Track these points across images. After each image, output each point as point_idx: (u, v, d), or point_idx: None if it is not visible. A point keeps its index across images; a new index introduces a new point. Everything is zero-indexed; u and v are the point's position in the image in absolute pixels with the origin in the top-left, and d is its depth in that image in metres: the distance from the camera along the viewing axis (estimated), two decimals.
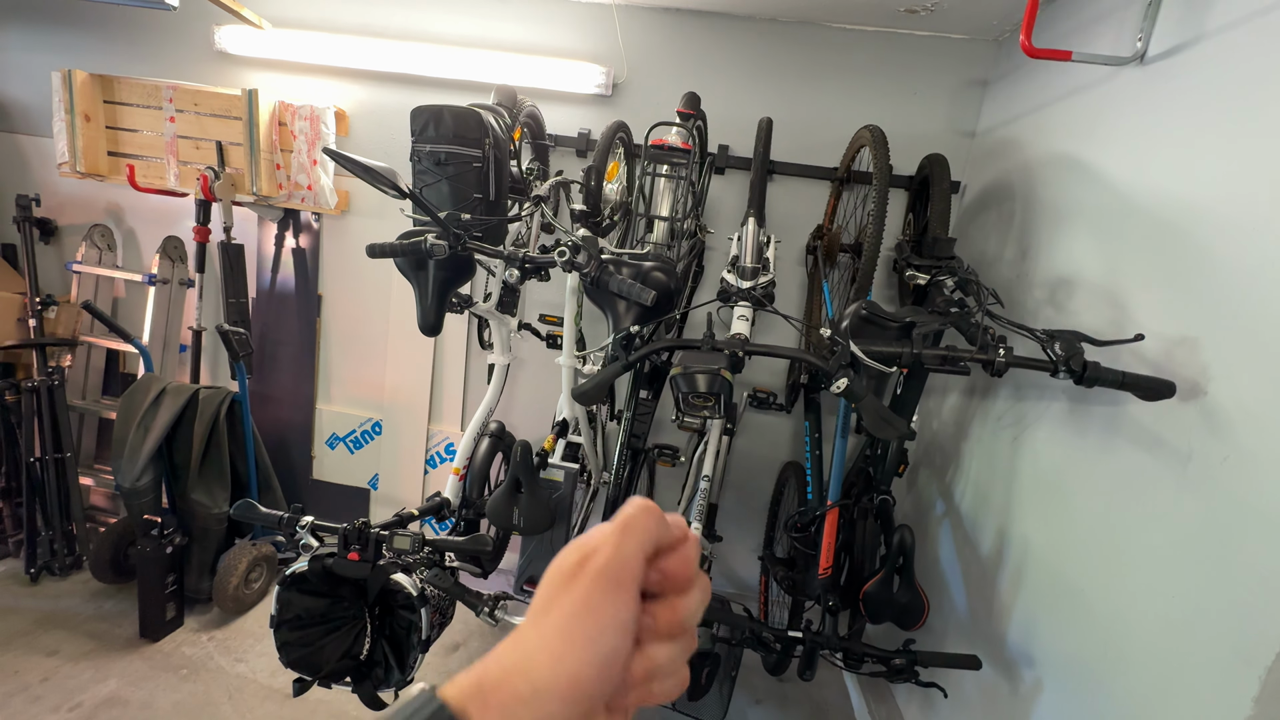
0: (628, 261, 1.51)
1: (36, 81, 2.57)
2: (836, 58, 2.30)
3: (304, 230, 2.66)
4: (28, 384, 2.38)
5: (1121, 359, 1.27)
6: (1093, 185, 1.53)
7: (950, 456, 2.03)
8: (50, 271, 2.72)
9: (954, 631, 1.84)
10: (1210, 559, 1.05)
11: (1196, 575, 1.07)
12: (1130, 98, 1.44)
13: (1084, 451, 1.40)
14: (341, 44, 2.39)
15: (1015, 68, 2.04)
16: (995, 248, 1.97)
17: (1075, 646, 1.33)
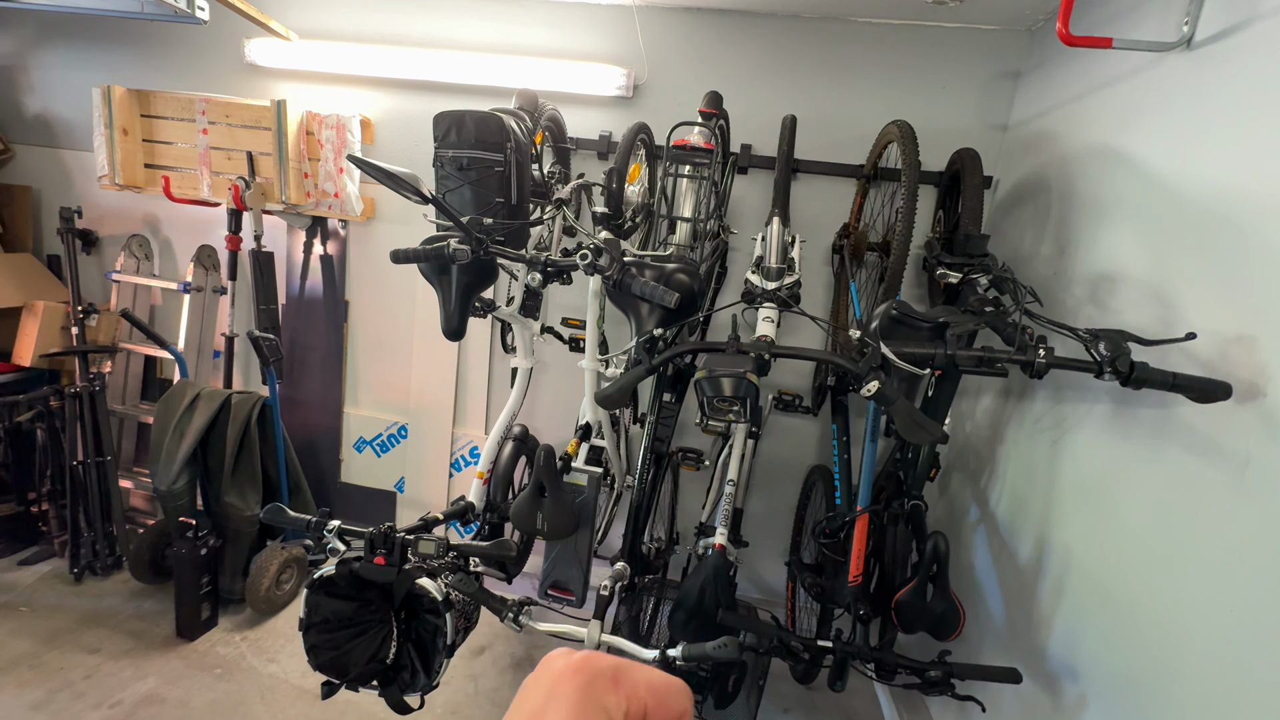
0: (650, 264, 1.49)
1: (78, 98, 2.66)
2: (862, 53, 2.25)
3: (331, 237, 2.71)
4: (71, 390, 2.46)
5: (1170, 359, 1.20)
6: (1136, 177, 1.46)
7: (985, 461, 1.96)
8: (92, 281, 2.82)
9: (991, 642, 1.77)
10: (1271, 569, 0.99)
11: (1256, 586, 1.01)
12: (1176, 85, 1.37)
13: (1130, 456, 1.33)
14: (366, 53, 2.42)
15: (1050, 57, 1.97)
16: (1031, 244, 1.90)
17: (1123, 661, 1.27)
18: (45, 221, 2.87)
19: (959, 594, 1.54)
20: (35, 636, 2.19)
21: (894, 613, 1.55)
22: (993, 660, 1.73)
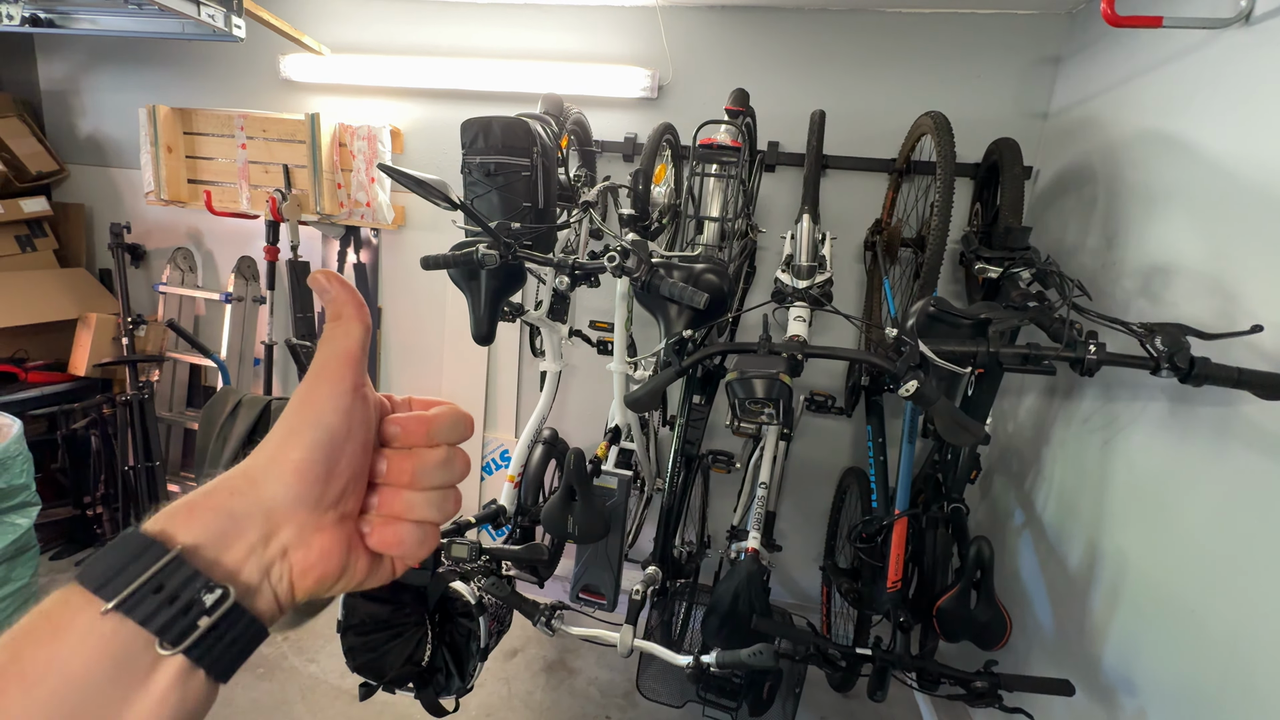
0: (678, 264, 1.48)
1: (126, 118, 2.77)
2: (891, 44, 2.19)
3: (364, 246, 2.76)
4: (122, 398, 2.56)
5: (1233, 354, 1.13)
6: (1190, 162, 1.38)
7: (1029, 462, 1.89)
8: (140, 293, 2.94)
9: (1039, 652, 1.70)
10: None
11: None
12: (1234, 63, 1.30)
13: (1190, 457, 1.26)
14: (395, 65, 2.47)
15: (1093, 40, 1.89)
16: (1075, 236, 1.82)
17: (1187, 672, 1.20)
18: (97, 237, 3.01)
19: (1004, 601, 1.48)
20: None
21: (936, 620, 1.50)
22: (1041, 671, 1.66)
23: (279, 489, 0.31)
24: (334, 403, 0.33)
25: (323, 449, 0.32)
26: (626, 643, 1.45)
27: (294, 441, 0.32)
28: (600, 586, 1.78)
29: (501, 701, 2.15)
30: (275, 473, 0.32)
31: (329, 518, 0.33)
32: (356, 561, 0.35)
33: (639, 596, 1.54)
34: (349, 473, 0.34)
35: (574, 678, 2.27)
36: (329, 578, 0.33)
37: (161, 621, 0.27)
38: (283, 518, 0.31)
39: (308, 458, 0.32)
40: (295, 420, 0.33)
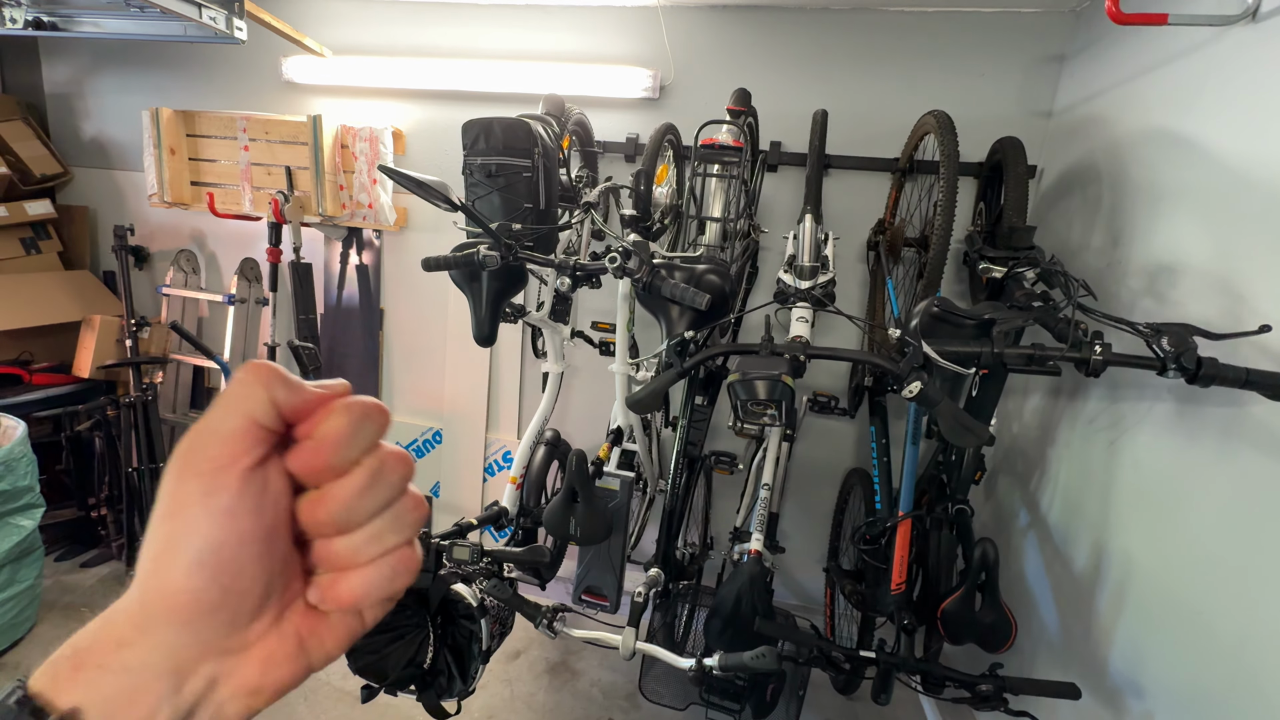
0: (680, 265, 1.47)
1: (129, 120, 2.78)
2: (894, 43, 2.18)
3: (366, 247, 2.77)
4: (126, 400, 2.57)
5: (1240, 354, 1.12)
6: (1197, 161, 1.37)
7: (1034, 463, 1.87)
8: (143, 295, 2.94)
9: (1044, 655, 1.69)
10: None
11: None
12: (1240, 60, 1.28)
13: (1197, 458, 1.25)
14: (397, 66, 2.47)
15: (1097, 38, 1.88)
16: (1080, 235, 1.81)
17: (1195, 675, 1.19)
18: (101, 239, 3.02)
19: (1009, 603, 1.47)
20: None
21: (940, 623, 1.49)
22: (1047, 674, 1.64)
23: (172, 633, 0.25)
24: (207, 505, 0.25)
25: (208, 570, 0.25)
26: (629, 645, 1.45)
27: (170, 568, 0.25)
28: (603, 588, 1.77)
29: (504, 703, 2.15)
30: (162, 615, 0.25)
31: (257, 628, 0.27)
32: (320, 641, 0.29)
33: (641, 598, 1.54)
34: (261, 573, 0.27)
35: (576, 680, 2.27)
36: (285, 682, 0.28)
37: None
38: (192, 658, 0.26)
39: (191, 588, 0.25)
40: (162, 538, 0.25)
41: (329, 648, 0.30)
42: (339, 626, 0.30)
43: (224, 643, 0.26)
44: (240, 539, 0.26)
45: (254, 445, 0.26)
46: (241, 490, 0.26)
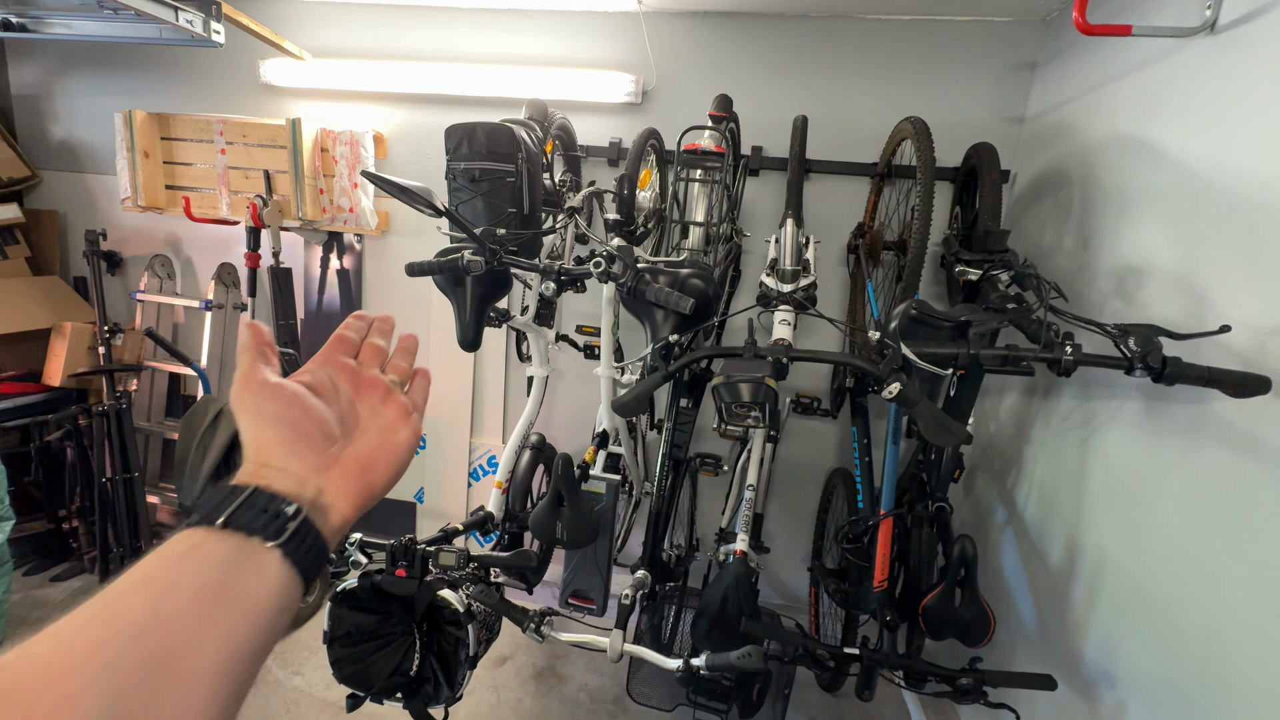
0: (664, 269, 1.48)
1: (101, 123, 2.73)
2: (872, 50, 2.23)
3: (347, 251, 2.74)
4: (98, 408, 2.51)
5: (1203, 353, 1.16)
6: (1162, 166, 1.42)
7: (1011, 461, 1.92)
8: (117, 301, 2.88)
9: (1023, 648, 1.73)
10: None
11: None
12: (1201, 71, 1.34)
13: (1164, 454, 1.29)
14: (378, 70, 2.45)
15: (1067, 47, 1.93)
16: (1052, 238, 1.86)
17: (1165, 666, 1.23)
18: (71, 244, 2.95)
19: (988, 598, 1.50)
20: None
21: (921, 619, 1.51)
22: (1025, 666, 1.68)
23: (283, 457, 0.41)
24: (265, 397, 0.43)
25: (282, 423, 0.42)
26: (616, 647, 1.45)
27: (264, 429, 0.42)
28: (589, 591, 1.78)
29: (491, 710, 2.14)
30: (274, 448, 0.41)
31: (331, 454, 0.43)
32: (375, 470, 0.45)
33: (628, 601, 1.54)
34: (313, 423, 0.43)
35: (564, 684, 2.26)
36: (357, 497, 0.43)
37: (260, 525, 0.36)
38: (303, 472, 0.41)
39: (279, 431, 0.42)
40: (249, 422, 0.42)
41: (381, 473, 0.45)
42: (386, 456, 0.46)
43: (317, 460, 0.42)
44: (287, 405, 0.43)
45: (266, 372, 0.44)
46: (285, 392, 0.43)
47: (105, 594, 0.31)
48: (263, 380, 0.43)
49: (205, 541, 0.35)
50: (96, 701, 0.27)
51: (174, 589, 0.32)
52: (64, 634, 0.29)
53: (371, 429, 0.46)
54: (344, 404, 0.46)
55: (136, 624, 0.30)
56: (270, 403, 0.43)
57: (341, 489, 0.42)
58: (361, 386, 0.48)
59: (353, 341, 0.51)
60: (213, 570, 0.34)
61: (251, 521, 0.36)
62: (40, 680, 0.27)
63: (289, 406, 0.43)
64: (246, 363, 0.44)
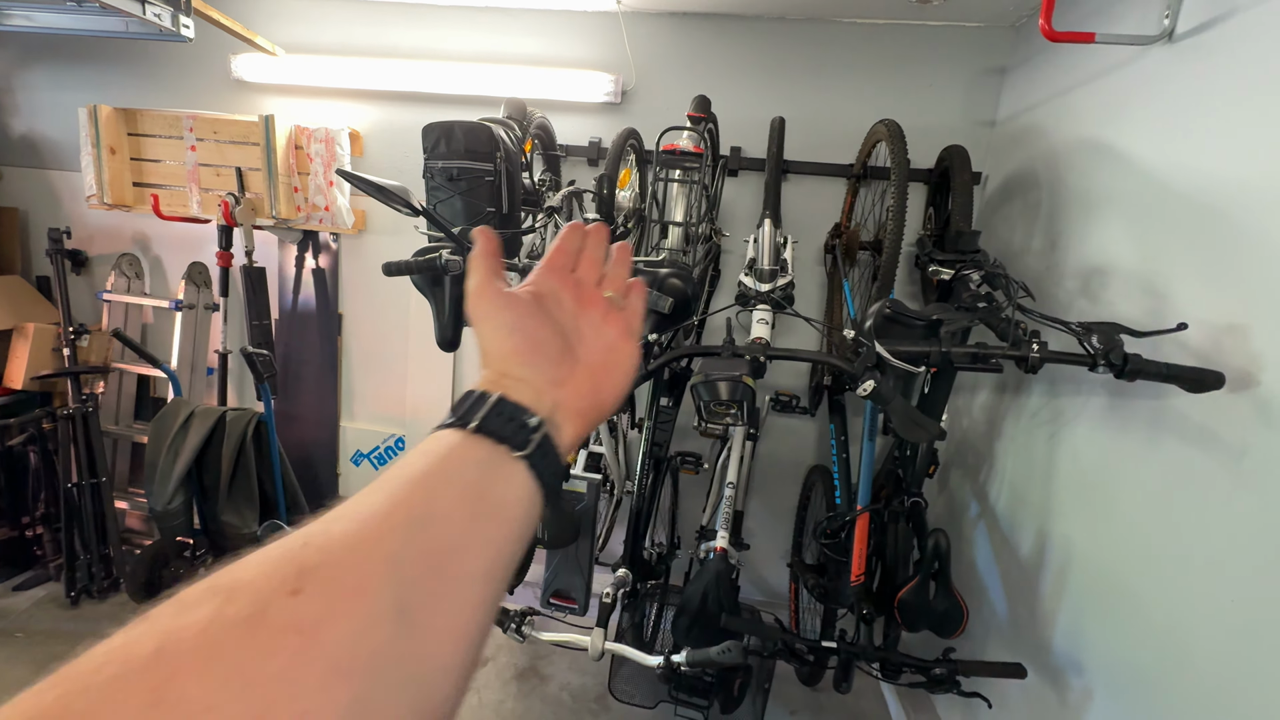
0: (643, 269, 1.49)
1: (64, 118, 2.65)
2: (848, 53, 2.26)
3: (323, 251, 2.70)
4: (63, 412, 2.44)
5: (1164, 350, 1.21)
6: (1124, 170, 1.47)
7: (983, 456, 1.96)
8: (82, 301, 2.80)
9: (995, 638, 1.77)
10: (1272, 560, 0.99)
11: (1258, 578, 1.01)
12: (1160, 78, 1.38)
13: (1128, 448, 1.34)
14: (353, 66, 2.42)
15: (1035, 53, 1.99)
16: (1022, 239, 1.91)
17: (1128, 653, 1.27)
18: (33, 243, 2.85)
19: (962, 590, 1.54)
20: (31, 663, 2.17)
21: (897, 611, 1.55)
22: (998, 656, 1.73)
23: (521, 368, 0.40)
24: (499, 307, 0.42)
25: (518, 333, 0.41)
26: (597, 646, 1.46)
27: (501, 340, 0.41)
28: (571, 591, 1.78)
29: (471, 711, 2.12)
30: (512, 358, 0.40)
31: (565, 369, 0.42)
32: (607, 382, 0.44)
33: (610, 599, 1.55)
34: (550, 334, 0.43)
35: (545, 684, 2.26)
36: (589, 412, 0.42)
37: (509, 433, 0.36)
38: (541, 384, 0.40)
39: (515, 342, 0.41)
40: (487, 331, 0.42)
41: (608, 393, 0.44)
42: (612, 375, 0.45)
43: (553, 373, 0.41)
44: (529, 317, 0.42)
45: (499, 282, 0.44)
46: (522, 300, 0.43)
47: (384, 481, 0.31)
48: (498, 289, 0.43)
49: (461, 444, 0.35)
50: (388, 590, 0.26)
51: (444, 487, 0.32)
52: (358, 515, 0.29)
53: (596, 346, 0.44)
54: (568, 318, 0.45)
55: (417, 516, 0.30)
56: (506, 312, 0.42)
57: (574, 406, 0.41)
58: (584, 301, 0.46)
59: (571, 252, 0.48)
60: (472, 473, 0.33)
61: (501, 429, 0.36)
62: (338, 562, 0.26)
63: (525, 317, 0.42)
64: (481, 272, 0.44)
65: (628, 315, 0.48)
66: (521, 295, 0.44)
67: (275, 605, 0.23)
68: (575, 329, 0.44)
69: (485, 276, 0.44)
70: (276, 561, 0.25)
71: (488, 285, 0.43)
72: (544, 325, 0.43)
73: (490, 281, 0.43)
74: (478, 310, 0.43)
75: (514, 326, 0.42)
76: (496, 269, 0.44)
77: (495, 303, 0.42)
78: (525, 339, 0.41)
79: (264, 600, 0.23)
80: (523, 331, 0.42)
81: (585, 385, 0.43)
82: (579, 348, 0.44)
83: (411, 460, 0.33)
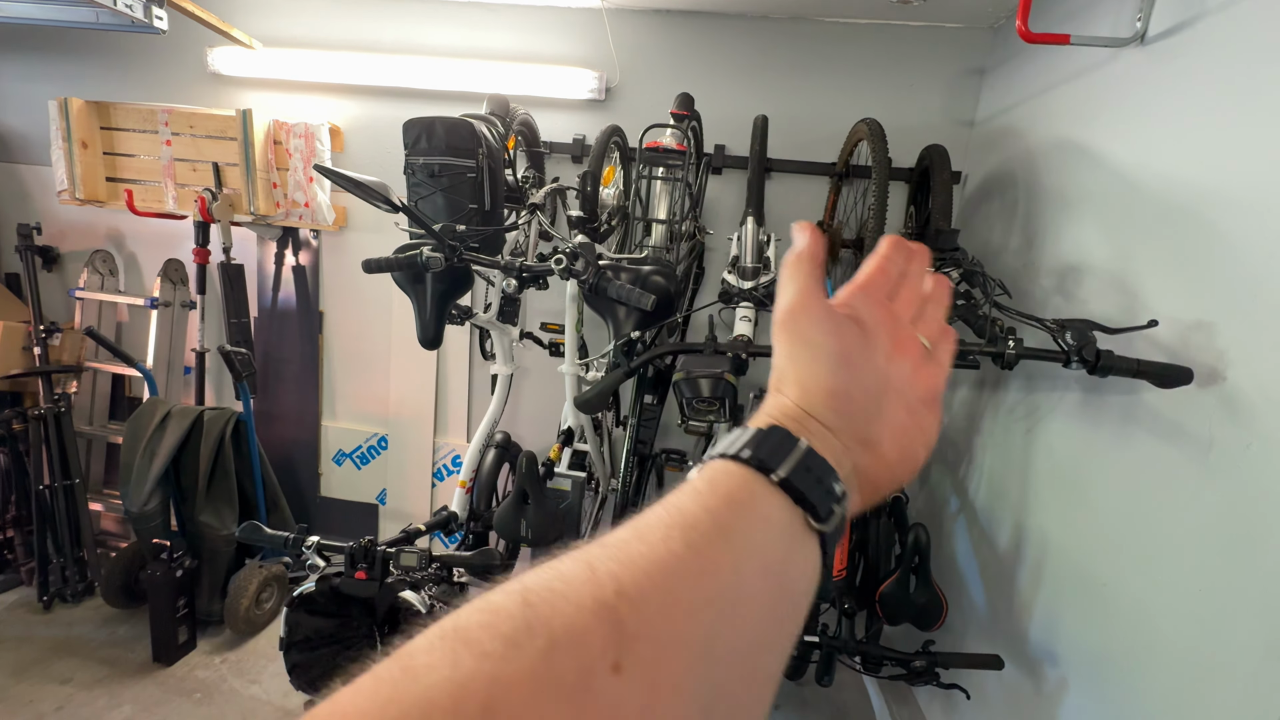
0: (626, 266, 1.49)
1: (34, 111, 2.58)
2: (830, 52, 2.28)
3: (303, 248, 2.66)
4: (34, 412, 2.38)
5: (1135, 346, 1.23)
6: (1097, 170, 1.50)
7: (962, 451, 1.99)
8: (54, 299, 2.73)
9: (974, 630, 1.80)
10: (1237, 550, 1.02)
11: (1224, 567, 1.04)
12: (1132, 80, 1.41)
13: (1100, 442, 1.37)
14: (333, 60, 2.39)
15: (1013, 54, 2.01)
16: (1000, 237, 1.94)
17: (1100, 643, 1.30)
18: (2, 239, 2.78)
19: (941, 584, 1.56)
20: (2, 669, 2.12)
21: (878, 605, 1.57)
22: (976, 648, 1.75)
23: (831, 416, 0.33)
24: (826, 330, 0.34)
25: (843, 371, 0.34)
26: None
27: (819, 371, 0.34)
28: None
29: None
30: (821, 401, 0.33)
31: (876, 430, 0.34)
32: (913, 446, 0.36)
33: None
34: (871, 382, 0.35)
35: None
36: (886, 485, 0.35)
37: (814, 499, 0.29)
38: (845, 441, 0.33)
39: (836, 382, 0.33)
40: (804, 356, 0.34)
41: (898, 475, 0.36)
42: (910, 453, 0.36)
43: (865, 430, 0.33)
44: (857, 351, 0.34)
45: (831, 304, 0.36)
46: (847, 325, 0.35)
47: (680, 515, 0.26)
48: (827, 306, 0.35)
49: (762, 496, 0.28)
50: (702, 691, 0.22)
51: (749, 555, 0.26)
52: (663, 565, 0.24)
53: (900, 410, 0.36)
54: (883, 362, 0.36)
55: (727, 592, 0.25)
56: (834, 339, 0.34)
57: (871, 476, 0.34)
58: (899, 344, 0.37)
59: (892, 275, 0.39)
60: (776, 543, 0.28)
61: (809, 489, 0.29)
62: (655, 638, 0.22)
63: (854, 351, 0.34)
64: (805, 279, 0.36)
65: (938, 371, 0.38)
66: (850, 321, 0.35)
67: (599, 679, 0.21)
68: (887, 378, 0.36)
69: (810, 286, 0.36)
70: (593, 607, 0.22)
71: (814, 298, 0.35)
72: (868, 366, 0.35)
73: (816, 294, 0.35)
74: (796, 327, 0.35)
75: (841, 360, 0.34)
76: (820, 277, 0.37)
77: (823, 324, 0.34)
78: (849, 380, 0.34)
79: (588, 667, 0.21)
80: (849, 370, 0.34)
81: (891, 453, 0.35)
82: (887, 404, 0.35)
83: (705, 496, 0.27)
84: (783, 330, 0.36)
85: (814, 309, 0.35)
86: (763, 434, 0.30)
